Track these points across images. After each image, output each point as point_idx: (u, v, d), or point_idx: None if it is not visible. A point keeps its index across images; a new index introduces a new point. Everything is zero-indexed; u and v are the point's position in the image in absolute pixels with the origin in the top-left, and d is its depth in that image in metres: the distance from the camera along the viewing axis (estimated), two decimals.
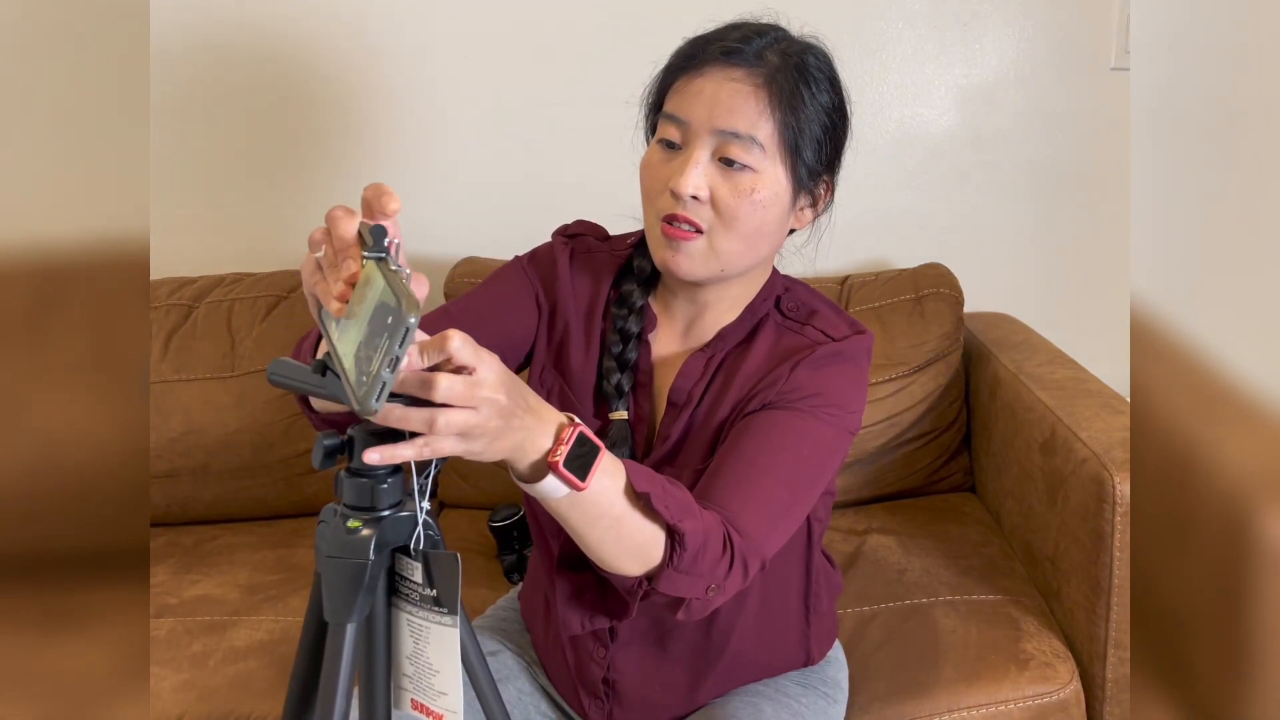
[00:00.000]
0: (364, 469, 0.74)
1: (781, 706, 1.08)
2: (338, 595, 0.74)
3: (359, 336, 0.65)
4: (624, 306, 1.02)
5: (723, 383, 1.00)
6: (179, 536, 1.68)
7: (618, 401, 1.00)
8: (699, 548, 0.84)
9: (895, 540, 1.57)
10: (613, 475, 0.81)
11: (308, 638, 0.81)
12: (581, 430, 0.78)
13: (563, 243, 1.08)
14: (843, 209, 1.90)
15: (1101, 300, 1.95)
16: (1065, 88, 1.88)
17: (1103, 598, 1.27)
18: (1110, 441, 1.31)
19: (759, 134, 0.91)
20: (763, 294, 1.02)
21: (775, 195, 0.94)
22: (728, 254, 0.94)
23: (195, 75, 1.83)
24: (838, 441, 0.97)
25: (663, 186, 0.94)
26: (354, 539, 0.74)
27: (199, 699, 1.29)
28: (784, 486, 0.92)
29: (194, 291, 1.77)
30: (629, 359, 1.01)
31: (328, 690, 0.74)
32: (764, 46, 0.93)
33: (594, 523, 0.82)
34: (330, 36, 1.82)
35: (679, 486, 0.87)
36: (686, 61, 0.95)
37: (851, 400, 0.98)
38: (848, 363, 0.98)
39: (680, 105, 0.94)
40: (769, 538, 0.91)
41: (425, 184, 1.87)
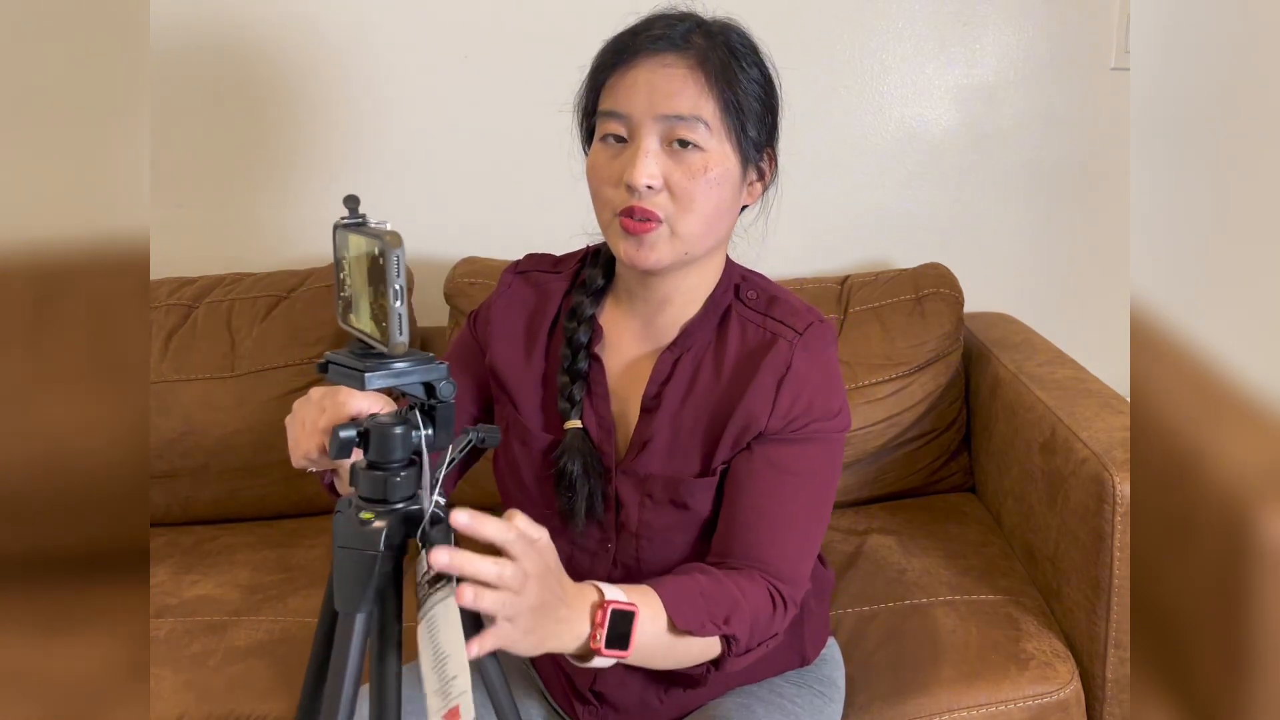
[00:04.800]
0: (379, 461, 0.76)
1: (774, 707, 1.08)
2: (348, 585, 0.76)
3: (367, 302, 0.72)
4: (574, 319, 1.03)
5: (695, 383, 1.01)
6: (179, 536, 1.68)
7: (572, 411, 1.01)
8: (751, 632, 0.92)
9: (895, 540, 1.57)
10: (654, 620, 0.86)
11: (323, 628, 0.83)
12: (614, 608, 0.82)
13: (507, 281, 1.10)
14: (843, 209, 1.92)
15: (1101, 300, 1.95)
16: (1065, 88, 1.88)
17: (1103, 598, 1.27)
18: (1110, 441, 1.31)
19: (703, 113, 0.92)
20: (722, 284, 1.02)
21: (726, 171, 0.94)
22: (690, 237, 0.94)
23: (195, 75, 1.83)
24: (835, 447, 1.01)
25: (615, 181, 0.94)
26: (366, 530, 0.75)
27: (199, 699, 1.29)
28: (806, 521, 0.98)
29: (194, 291, 1.77)
30: (580, 369, 1.01)
31: (335, 678, 0.76)
32: (688, 30, 0.95)
33: (648, 662, 0.89)
34: (331, 37, 1.82)
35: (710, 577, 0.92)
36: (615, 58, 0.95)
37: (834, 400, 1.00)
38: (818, 362, 0.99)
39: (619, 100, 0.94)
40: (804, 569, 0.99)
41: (425, 184, 1.87)
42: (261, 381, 1.69)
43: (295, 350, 1.70)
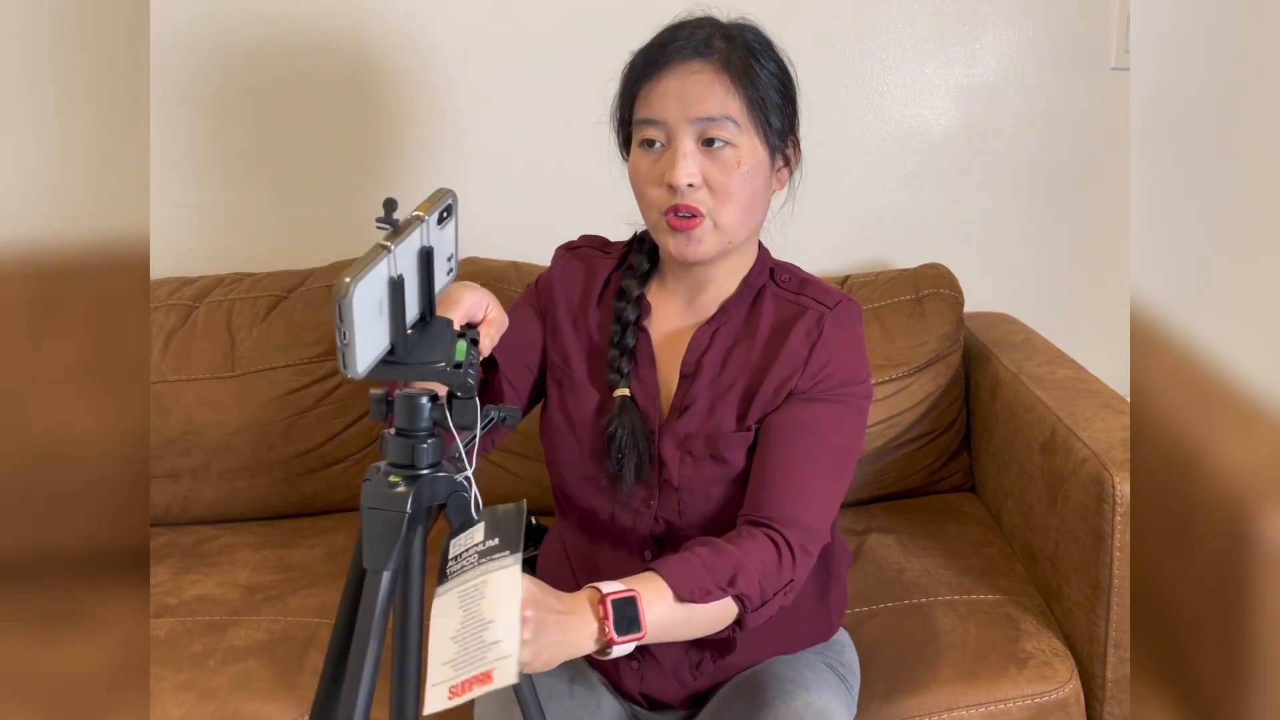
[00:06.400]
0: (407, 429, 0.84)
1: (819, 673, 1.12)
2: (377, 543, 0.82)
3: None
4: (622, 298, 1.12)
5: (732, 351, 1.09)
6: (179, 536, 1.68)
7: (621, 381, 1.09)
8: (760, 586, 0.96)
9: (895, 540, 1.57)
10: (660, 599, 0.91)
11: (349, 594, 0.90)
12: (612, 598, 0.88)
13: (563, 253, 1.20)
14: (843, 209, 1.92)
15: (1101, 300, 1.95)
16: (1065, 88, 1.88)
17: (1103, 598, 1.27)
18: (1110, 441, 1.31)
19: (731, 111, 1.01)
20: (756, 267, 1.11)
21: (758, 163, 1.03)
22: (731, 227, 1.03)
23: (196, 74, 1.83)
24: (860, 414, 1.09)
25: (657, 183, 1.03)
26: (394, 493, 0.82)
27: (199, 699, 1.29)
28: (828, 475, 1.05)
29: (194, 291, 1.77)
30: (628, 344, 1.10)
31: (362, 633, 0.82)
32: (709, 36, 1.03)
33: (668, 636, 0.94)
34: (331, 37, 1.81)
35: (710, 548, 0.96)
36: (646, 69, 1.04)
37: (860, 370, 1.08)
38: (848, 335, 1.08)
39: (653, 108, 1.02)
40: (824, 520, 1.04)
41: (425, 184, 1.87)
42: (261, 381, 1.69)
43: (295, 350, 1.70)
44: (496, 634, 0.77)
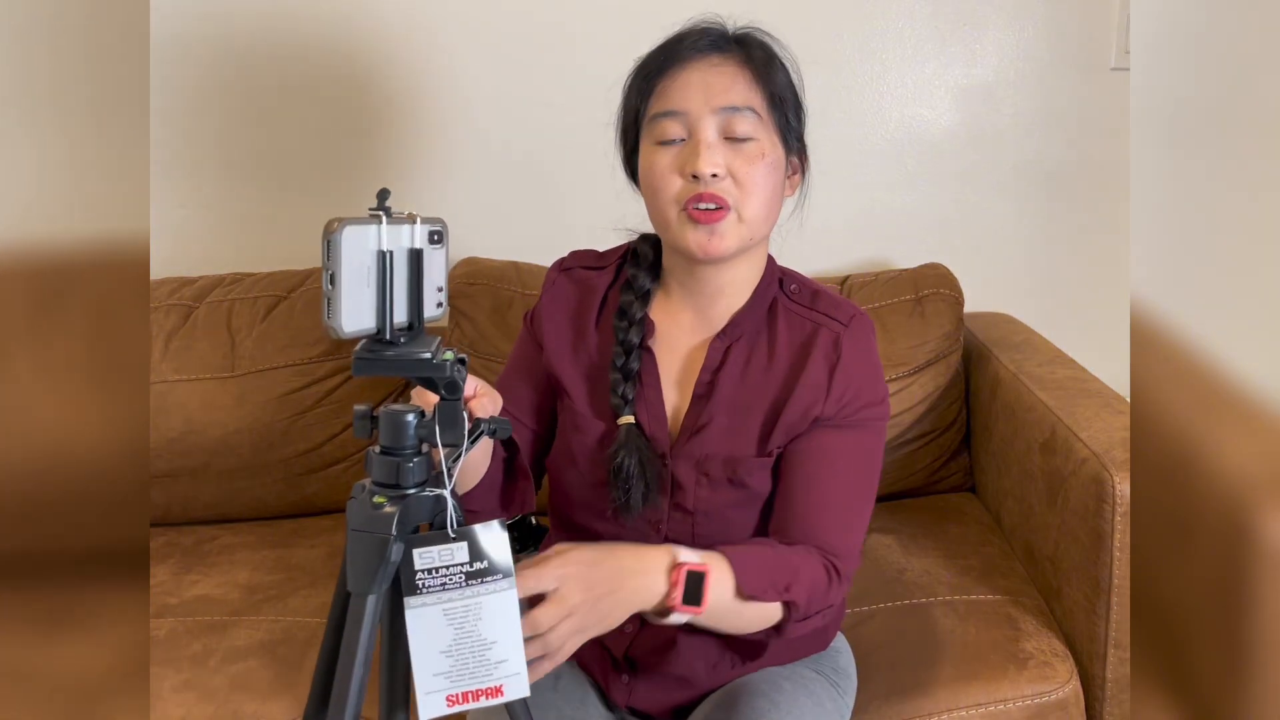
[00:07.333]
0: (391, 447, 0.81)
1: (799, 687, 1.10)
2: (361, 567, 0.79)
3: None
4: (624, 319, 1.08)
5: (749, 369, 1.07)
6: (179, 536, 1.68)
7: (625, 408, 1.06)
8: (809, 600, 0.98)
9: (895, 540, 1.57)
10: (723, 583, 0.94)
11: (335, 611, 0.87)
12: (689, 569, 0.91)
13: (553, 277, 1.16)
14: (843, 209, 1.92)
15: (1101, 300, 1.95)
16: (1065, 88, 1.88)
17: (1103, 598, 1.27)
18: (1110, 441, 1.31)
19: (754, 104, 1.00)
20: (766, 278, 1.09)
21: (777, 158, 1.03)
22: (754, 220, 1.01)
23: (196, 74, 1.83)
24: (882, 436, 1.11)
25: (677, 173, 1.00)
26: (379, 514, 0.79)
27: (199, 699, 1.29)
28: (858, 500, 1.07)
29: (194, 291, 1.77)
30: (631, 369, 1.06)
31: (347, 657, 0.80)
32: (722, 36, 1.04)
33: (716, 623, 0.97)
34: (331, 37, 1.82)
35: (773, 549, 0.99)
36: (665, 63, 1.02)
37: (879, 390, 1.08)
38: (864, 354, 1.07)
39: (674, 99, 1.01)
40: (857, 543, 1.06)
41: (425, 184, 1.87)
42: (261, 381, 1.69)
43: (295, 350, 1.70)
44: (503, 654, 0.80)
